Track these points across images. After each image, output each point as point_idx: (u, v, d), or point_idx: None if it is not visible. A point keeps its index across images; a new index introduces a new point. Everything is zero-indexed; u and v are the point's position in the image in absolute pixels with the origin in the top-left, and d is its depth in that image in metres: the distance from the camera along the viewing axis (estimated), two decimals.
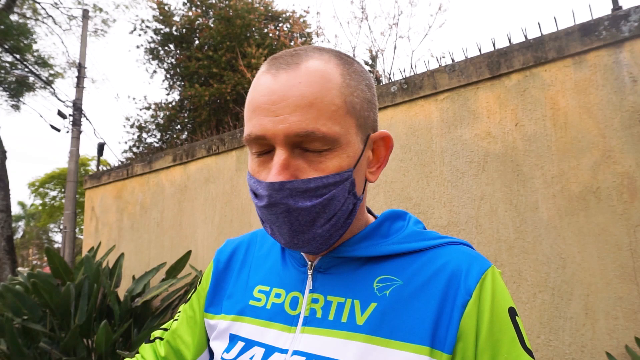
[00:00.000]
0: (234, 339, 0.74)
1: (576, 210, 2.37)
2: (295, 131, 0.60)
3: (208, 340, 0.84)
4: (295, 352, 0.66)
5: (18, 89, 11.43)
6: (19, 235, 31.69)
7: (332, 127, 0.62)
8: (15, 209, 29.27)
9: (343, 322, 0.66)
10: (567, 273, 2.35)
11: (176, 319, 0.90)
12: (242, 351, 0.71)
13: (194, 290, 0.90)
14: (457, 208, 2.76)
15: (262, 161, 0.66)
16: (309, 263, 0.74)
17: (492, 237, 2.61)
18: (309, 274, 0.73)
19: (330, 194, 0.63)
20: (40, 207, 24.01)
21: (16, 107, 11.98)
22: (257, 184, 0.64)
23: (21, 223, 31.68)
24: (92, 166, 20.04)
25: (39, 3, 11.25)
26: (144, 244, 4.97)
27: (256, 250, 0.85)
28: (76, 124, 9.21)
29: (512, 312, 0.64)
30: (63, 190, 20.24)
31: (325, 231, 0.65)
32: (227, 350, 0.74)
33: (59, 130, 9.70)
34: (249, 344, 0.71)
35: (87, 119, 9.47)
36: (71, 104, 9.35)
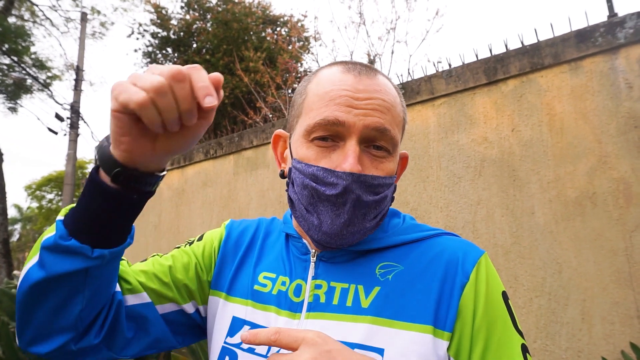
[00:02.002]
0: (237, 322, 0.75)
1: (572, 215, 2.38)
2: (375, 126, 0.68)
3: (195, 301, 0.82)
4: None
5: (15, 92, 11.41)
6: (15, 238, 31.55)
7: (397, 134, 0.72)
8: (12, 212, 29.18)
9: (348, 306, 0.69)
10: (563, 278, 2.36)
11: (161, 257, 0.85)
12: None
13: (187, 245, 0.88)
14: (454, 213, 2.77)
15: (322, 150, 0.69)
16: (312, 251, 0.76)
17: (489, 242, 2.62)
18: (312, 261, 0.75)
19: (384, 193, 0.71)
20: (37, 210, 23.93)
21: (13, 110, 11.97)
22: (326, 171, 0.67)
23: (17, 226, 31.56)
24: (90, 169, 20.00)
25: (36, 5, 11.26)
26: (141, 247, 4.96)
27: (260, 238, 0.86)
28: (74, 126, 9.20)
29: (505, 296, 0.70)
30: (60, 193, 20.18)
31: (371, 226, 0.72)
32: (231, 334, 0.74)
33: (56, 133, 9.68)
34: (254, 328, 0.71)
35: (84, 121, 9.46)
36: (69, 107, 9.33)
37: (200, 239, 0.89)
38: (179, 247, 0.88)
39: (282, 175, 0.78)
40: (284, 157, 0.80)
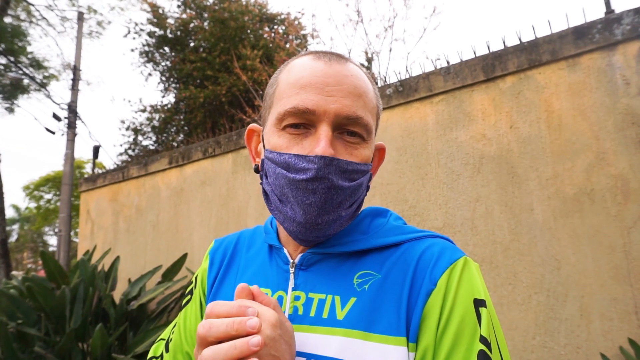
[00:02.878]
0: None
1: (571, 212, 2.38)
2: (347, 113, 0.66)
3: None
4: None
5: (12, 92, 11.38)
6: (13, 238, 31.49)
7: (370, 120, 0.70)
8: (10, 212, 29.09)
9: (324, 318, 0.67)
10: (562, 274, 2.37)
11: (173, 332, 0.87)
12: None
13: (190, 296, 0.88)
14: (453, 210, 2.77)
15: (294, 137, 0.67)
16: (291, 261, 0.74)
17: (488, 239, 2.62)
18: (291, 272, 0.73)
19: (359, 181, 0.69)
20: (35, 210, 23.88)
21: (10, 110, 11.93)
22: (297, 157, 0.65)
23: (15, 226, 31.47)
24: (88, 169, 19.96)
25: (33, 5, 11.22)
26: (139, 247, 4.96)
27: (243, 252, 0.85)
28: (71, 126, 9.17)
29: (478, 303, 0.63)
30: (58, 193, 20.13)
31: (347, 215, 0.70)
32: None
33: (53, 133, 9.65)
34: None
35: (82, 121, 9.43)
36: (66, 107, 9.30)
37: (195, 284, 0.88)
38: (184, 307, 0.88)
39: (257, 170, 0.76)
40: (258, 151, 0.79)
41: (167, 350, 0.85)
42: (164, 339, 0.89)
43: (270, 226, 0.83)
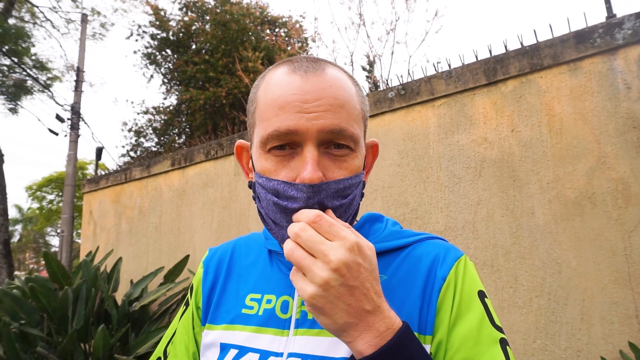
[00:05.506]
0: (225, 347, 0.75)
1: (572, 215, 2.39)
2: (329, 127, 0.64)
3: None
4: (291, 355, 0.68)
5: (16, 93, 11.42)
6: (15, 239, 31.55)
7: (356, 129, 0.68)
8: (12, 213, 29.17)
9: None
10: (563, 278, 2.37)
11: (171, 341, 0.88)
12: (236, 358, 0.72)
13: (185, 307, 0.88)
14: (454, 213, 2.78)
15: (280, 160, 0.66)
16: None
17: (489, 242, 2.63)
18: None
19: (353, 195, 0.68)
20: (37, 211, 23.95)
21: (14, 111, 11.97)
22: (285, 185, 0.64)
23: (18, 227, 31.54)
24: (90, 170, 20.02)
25: (37, 7, 11.27)
26: (142, 248, 4.97)
27: (242, 259, 0.85)
28: (74, 127, 9.21)
29: (482, 294, 0.70)
30: (61, 194, 20.19)
31: None
32: (220, 359, 0.74)
33: (57, 134, 9.69)
34: (243, 350, 0.72)
35: (85, 122, 9.47)
36: (69, 108, 9.35)
37: (191, 290, 0.88)
38: (181, 318, 0.88)
39: (250, 186, 0.76)
40: (250, 167, 0.78)
41: None
42: (160, 357, 0.89)
43: None
